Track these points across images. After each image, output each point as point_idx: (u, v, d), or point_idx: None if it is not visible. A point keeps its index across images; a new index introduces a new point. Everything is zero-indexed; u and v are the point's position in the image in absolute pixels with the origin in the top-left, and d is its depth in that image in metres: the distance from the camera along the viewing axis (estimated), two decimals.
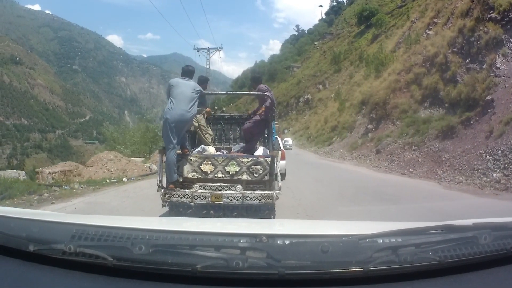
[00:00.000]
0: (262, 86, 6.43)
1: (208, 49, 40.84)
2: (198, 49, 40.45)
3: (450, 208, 7.56)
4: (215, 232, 1.66)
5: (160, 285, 1.20)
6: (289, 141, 38.50)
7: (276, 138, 6.34)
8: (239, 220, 3.98)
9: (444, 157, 13.38)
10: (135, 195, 9.55)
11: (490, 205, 7.89)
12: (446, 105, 16.89)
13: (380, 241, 1.32)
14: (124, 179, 12.71)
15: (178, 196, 5.01)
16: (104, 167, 14.84)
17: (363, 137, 25.19)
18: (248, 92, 7.61)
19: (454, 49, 17.60)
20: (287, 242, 1.30)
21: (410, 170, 14.43)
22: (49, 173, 14.31)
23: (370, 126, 25.01)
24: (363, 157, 21.62)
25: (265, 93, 6.13)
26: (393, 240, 1.33)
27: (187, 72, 5.67)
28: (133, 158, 19.45)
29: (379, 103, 24.14)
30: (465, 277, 1.26)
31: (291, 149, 33.77)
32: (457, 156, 12.76)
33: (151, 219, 2.69)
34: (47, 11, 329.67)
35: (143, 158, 21.38)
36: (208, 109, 6.83)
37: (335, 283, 1.21)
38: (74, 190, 10.25)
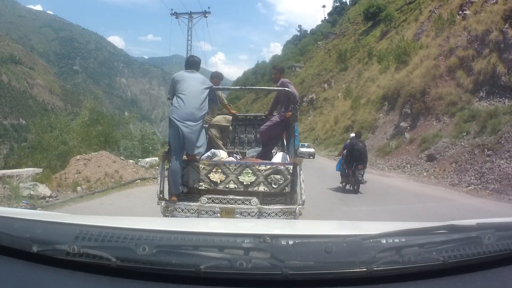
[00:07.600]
0: (284, 80, 5.59)
1: (191, 13, 30.42)
2: (177, 15, 30.41)
3: None
4: (219, 232, 1.66)
5: (163, 286, 1.20)
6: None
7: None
8: (243, 220, 3.95)
9: None
10: None
11: None
12: None
13: (383, 241, 1.32)
14: None
15: (182, 210, 4.24)
16: None
17: (396, 138, 20.81)
18: (267, 88, 6.88)
19: None
20: (290, 242, 1.30)
21: None
22: None
23: (403, 124, 20.60)
24: (408, 165, 16.57)
25: (288, 89, 5.31)
26: (396, 240, 1.33)
27: (193, 63, 4.70)
28: (25, 169, 11.50)
29: (415, 94, 19.75)
30: (469, 277, 1.26)
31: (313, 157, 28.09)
32: None
33: (155, 220, 2.69)
34: (49, 12, 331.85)
35: (40, 170, 11.87)
36: (234, 111, 6.33)
37: (338, 284, 1.21)
38: None
